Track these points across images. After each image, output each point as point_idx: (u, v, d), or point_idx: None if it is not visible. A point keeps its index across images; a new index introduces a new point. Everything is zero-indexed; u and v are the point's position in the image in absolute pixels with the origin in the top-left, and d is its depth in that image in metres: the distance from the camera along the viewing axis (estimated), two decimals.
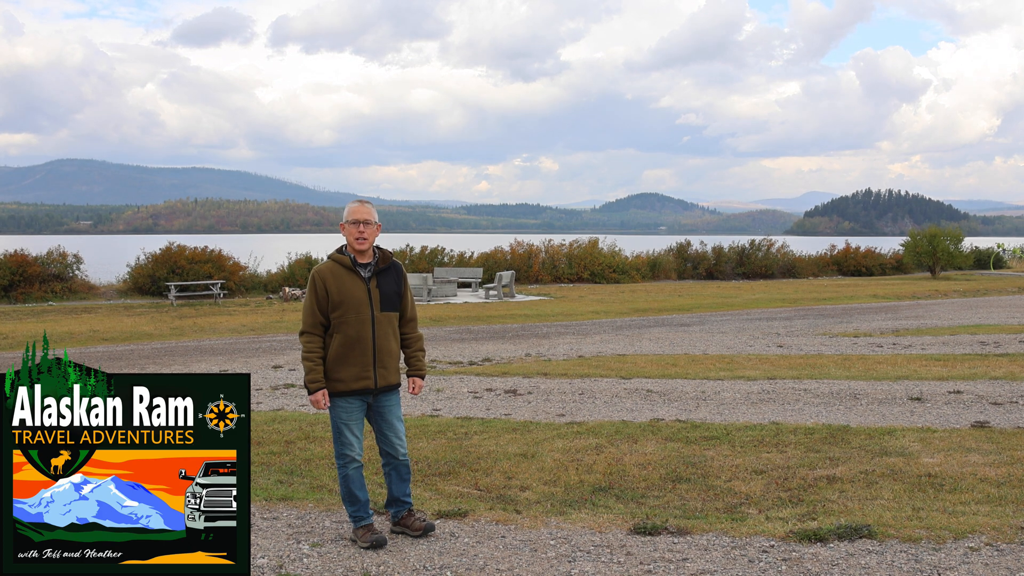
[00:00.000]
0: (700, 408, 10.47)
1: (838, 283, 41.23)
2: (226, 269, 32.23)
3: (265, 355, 15.77)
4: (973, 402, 10.60)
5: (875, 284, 39.74)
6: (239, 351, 16.48)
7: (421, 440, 8.79)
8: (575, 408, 10.57)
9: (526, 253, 40.84)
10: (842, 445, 8.39)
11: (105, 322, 22.36)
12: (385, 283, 5.99)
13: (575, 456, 8.09)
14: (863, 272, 49.15)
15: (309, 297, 5.88)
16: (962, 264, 51.87)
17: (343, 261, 5.94)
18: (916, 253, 48.32)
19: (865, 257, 50.64)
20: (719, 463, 7.80)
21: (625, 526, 6.09)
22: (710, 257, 45.83)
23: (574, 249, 42.09)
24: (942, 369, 13.16)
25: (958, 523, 6.01)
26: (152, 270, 31.28)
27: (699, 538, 5.82)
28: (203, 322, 22.30)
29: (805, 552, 5.54)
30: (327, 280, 5.86)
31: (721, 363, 14.24)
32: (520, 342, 17.73)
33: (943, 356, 14.71)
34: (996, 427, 9.19)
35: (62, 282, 30.64)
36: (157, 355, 16.05)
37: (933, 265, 47.16)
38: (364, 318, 5.85)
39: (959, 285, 38.29)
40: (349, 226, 5.92)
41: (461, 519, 6.30)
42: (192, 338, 19.01)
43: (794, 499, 6.77)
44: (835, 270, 49.12)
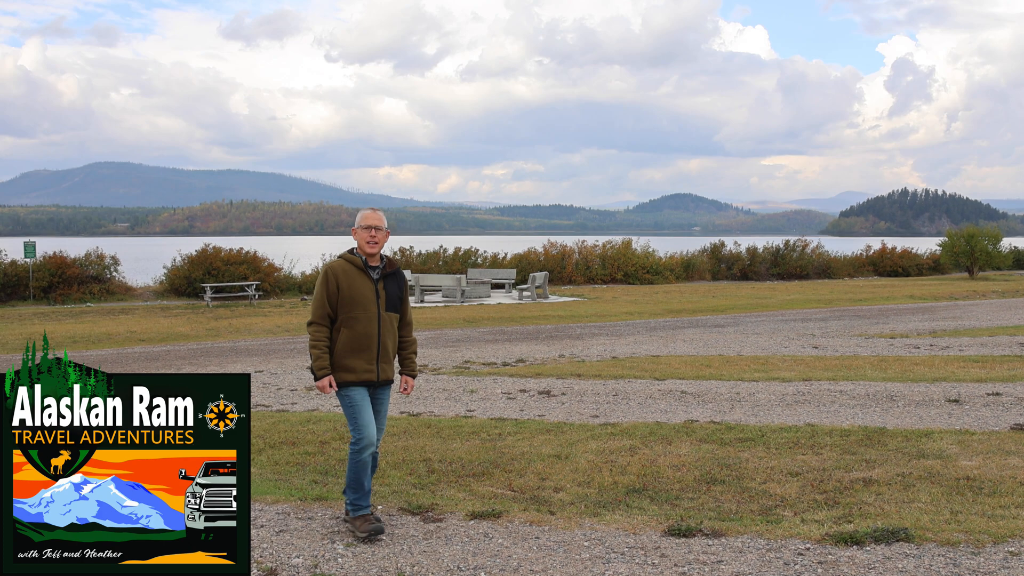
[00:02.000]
0: (735, 409, 10.42)
1: (874, 284, 40.88)
2: (261, 270, 32.41)
3: (300, 356, 15.84)
4: (1012, 404, 10.47)
5: (912, 285, 39.37)
6: (274, 352, 16.57)
7: (455, 441, 8.80)
8: (609, 409, 10.55)
9: (559, 254, 40.78)
10: (878, 447, 8.31)
11: (142, 323, 22.56)
12: (390, 286, 6.36)
13: (609, 457, 8.07)
14: (899, 273, 48.70)
15: (320, 290, 6.18)
16: (1001, 264, 51.26)
17: (355, 261, 6.28)
18: (953, 253, 47.82)
19: (901, 257, 50.17)
20: (754, 465, 7.76)
21: (659, 528, 6.06)
22: (744, 258, 45.56)
23: (607, 250, 41.96)
24: (980, 371, 13.02)
25: (997, 527, 5.94)
26: (188, 271, 31.50)
27: (734, 540, 5.79)
28: (238, 323, 22.45)
29: (841, 555, 5.50)
30: (339, 277, 6.20)
31: (756, 364, 14.16)
32: (553, 343, 17.72)
33: (981, 357, 14.55)
34: None
35: (100, 283, 30.93)
36: (193, 356, 16.17)
37: (971, 265, 46.65)
38: (372, 316, 6.20)
39: (997, 286, 37.85)
40: (361, 231, 6.27)
41: (495, 520, 6.30)
42: (228, 339, 19.14)
43: (830, 501, 6.71)
44: (871, 271, 48.70)
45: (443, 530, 6.09)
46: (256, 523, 6.23)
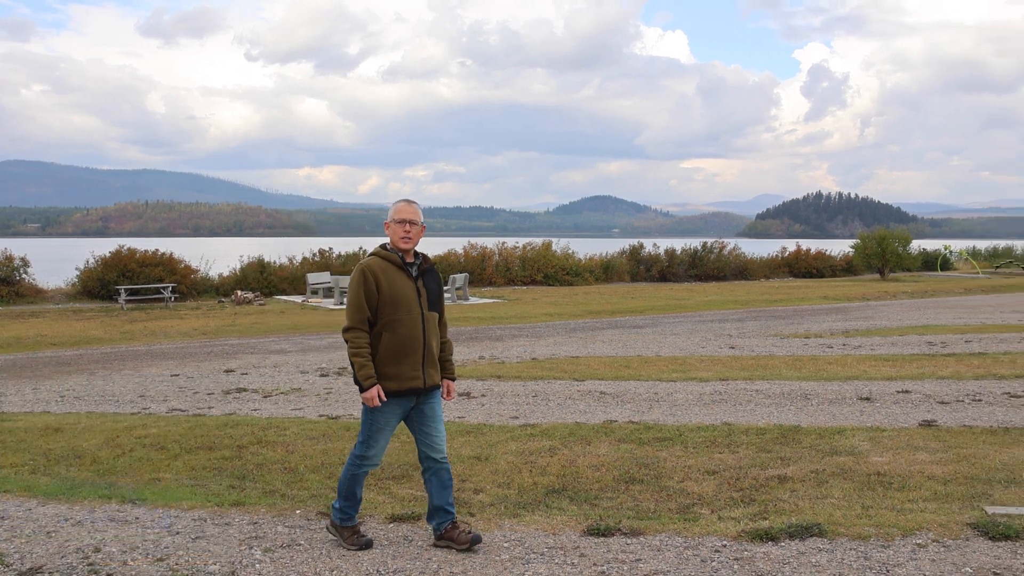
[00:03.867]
0: (653, 409, 10.53)
1: (789, 285, 41.61)
2: (177, 272, 31.87)
3: (217, 359, 15.63)
4: (921, 401, 10.75)
5: (825, 286, 40.14)
6: (191, 355, 16.32)
7: None
8: (529, 410, 10.58)
9: (480, 256, 40.79)
10: (793, 445, 8.47)
11: (53, 326, 22.04)
12: (429, 283, 5.87)
13: (529, 458, 8.10)
14: (814, 274, 49.63)
15: (356, 291, 5.66)
16: (910, 266, 52.60)
17: (392, 258, 5.75)
18: (865, 255, 48.92)
19: (816, 259, 51.13)
20: (672, 464, 7.85)
21: (579, 528, 6.10)
22: (663, 259, 46.04)
23: (528, 251, 42.10)
24: (891, 369, 13.33)
25: (906, 520, 6.09)
26: (102, 273, 30.82)
27: (652, 539, 5.84)
28: (154, 326, 22.05)
29: (757, 551, 5.58)
30: (378, 276, 5.67)
31: (674, 365, 14.32)
32: (474, 345, 17.72)
33: (892, 356, 14.90)
34: (943, 426, 9.33)
35: (8, 286, 30.09)
36: (107, 360, 15.85)
37: (882, 267, 47.76)
38: (416, 317, 5.70)
39: (907, 287, 38.78)
40: (395, 225, 5.77)
41: (415, 523, 6.28)
42: (143, 342, 18.80)
43: (746, 499, 6.82)
44: (786, 272, 49.55)
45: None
46: (172, 530, 6.13)
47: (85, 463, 8.23)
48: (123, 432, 9.43)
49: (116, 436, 9.25)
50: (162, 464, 8.16)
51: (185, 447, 8.73)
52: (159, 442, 8.94)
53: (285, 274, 35.14)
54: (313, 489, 7.25)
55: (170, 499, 6.91)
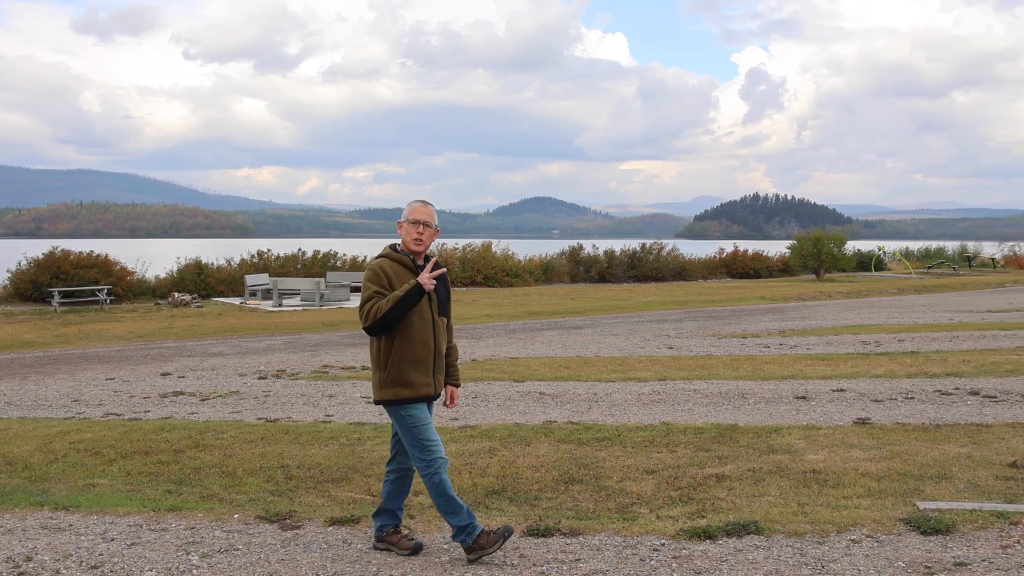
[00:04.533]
0: (592, 410, 10.58)
1: (727, 285, 42.04)
2: (113, 274, 31.34)
3: (154, 362, 15.41)
4: (855, 400, 10.92)
5: (763, 286, 40.62)
6: (126, 359, 16.08)
7: (314, 446, 8.70)
8: (468, 412, 10.58)
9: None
10: (731, 444, 8.56)
11: None
12: (439, 288, 5.67)
13: (468, 459, 8.10)
14: (751, 274, 50.19)
15: (367, 288, 5.42)
16: (845, 266, 53.46)
17: (404, 261, 5.56)
18: (802, 256, 49.64)
19: (753, 260, 51.72)
20: (611, 464, 7.89)
21: (518, 528, 6.11)
22: (602, 260, 46.27)
23: (468, 253, 42.10)
24: (826, 368, 13.53)
25: (841, 517, 6.19)
26: (35, 275, 30.19)
27: (591, 538, 5.87)
28: (89, 329, 21.68)
29: (695, 549, 5.64)
30: (391, 277, 5.45)
31: (613, 365, 14.40)
32: None
33: (827, 356, 15.12)
34: (877, 423, 9.49)
35: None
36: (40, 364, 15.56)
37: (818, 267, 48.47)
38: (427, 322, 5.53)
39: (842, 287, 39.39)
40: (408, 225, 5.57)
41: (355, 525, 6.25)
42: (77, 346, 18.48)
43: (684, 498, 6.88)
44: (724, 272, 50.06)
45: (301, 537, 6.01)
46: (107, 536, 6.03)
47: (16, 470, 8.07)
48: (56, 437, 9.26)
49: (49, 442, 9.08)
50: (97, 470, 8.03)
51: (120, 452, 8.60)
52: (94, 447, 8.79)
53: (223, 276, 34.74)
54: (251, 493, 7.19)
55: (105, 505, 6.80)
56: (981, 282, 43.83)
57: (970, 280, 46.20)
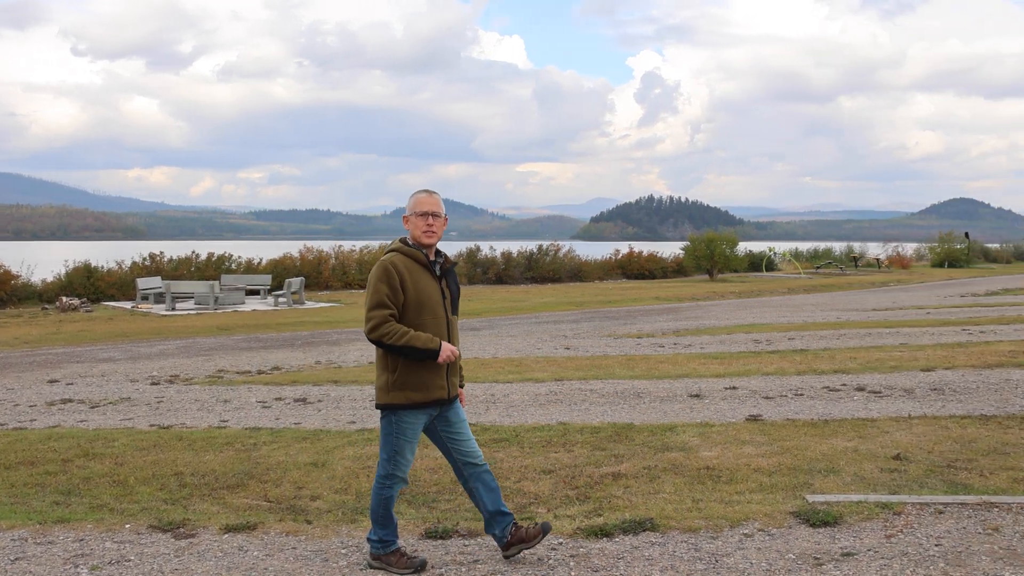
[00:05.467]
0: (490, 411, 10.60)
1: (623, 286, 42.54)
2: None
3: (40, 369, 14.95)
4: (747, 397, 11.16)
5: (658, 287, 41.21)
6: (11, 366, 15.56)
7: (208, 453, 8.54)
8: (366, 415, 10.51)
9: (316, 259, 40.34)
10: (626, 442, 8.67)
11: None
12: (451, 285, 5.47)
13: (367, 463, 8.05)
14: (647, 275, 50.85)
15: (379, 288, 5.16)
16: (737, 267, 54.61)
17: (417, 256, 5.27)
18: (695, 257, 50.52)
19: (648, 261, 52.41)
20: (508, 464, 7.92)
21: (417, 531, 6.10)
22: (499, 262, 46.39)
23: (365, 255, 41.83)
24: (719, 367, 13.79)
25: (734, 512, 6.32)
26: None
27: (489, 539, 5.88)
28: None
29: (592, 547, 5.70)
30: (403, 275, 5.17)
31: (510, 366, 14.46)
32: (310, 349, 17.49)
33: (720, 354, 15.42)
34: (768, 420, 9.72)
35: None
36: None
37: (711, 268, 49.37)
38: (441, 321, 5.28)
39: (735, 287, 40.19)
40: (416, 218, 5.28)
41: (250, 532, 6.15)
42: None
43: (581, 497, 6.95)
44: (620, 274, 50.62)
45: (196, 546, 5.89)
46: None
47: None
48: None
49: None
50: None
51: (4, 463, 8.32)
52: None
53: (114, 279, 33.85)
54: (144, 502, 7.02)
55: None
56: (867, 282, 45.18)
57: (856, 280, 47.58)
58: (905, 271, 59.89)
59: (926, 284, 42.68)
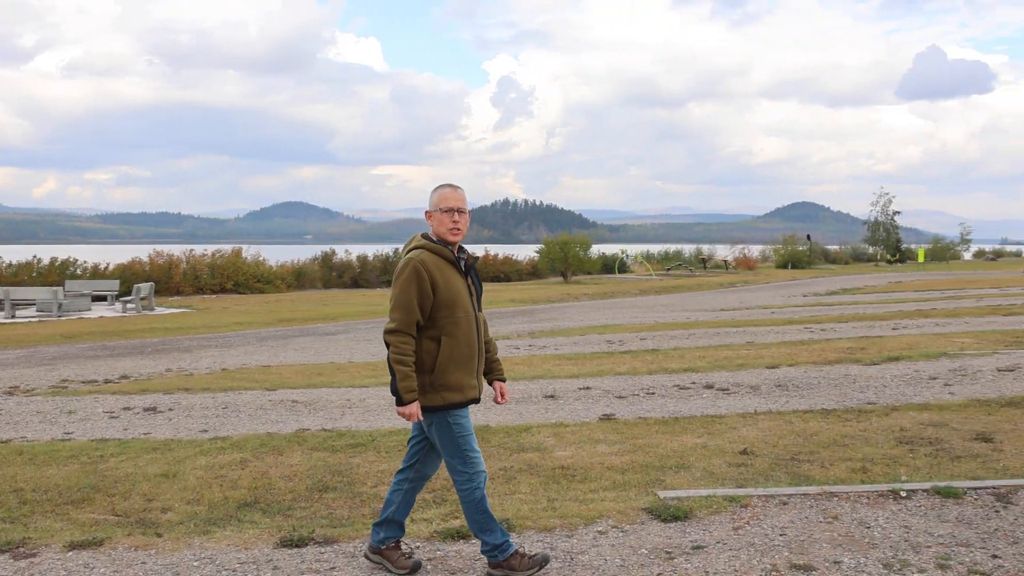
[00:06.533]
0: (346, 416, 10.52)
1: None
2: None
3: None
4: (600, 397, 11.36)
5: (513, 289, 41.54)
6: None
7: (51, 467, 8.22)
8: (219, 423, 10.29)
9: (167, 264, 39.29)
10: (482, 444, 8.70)
11: None
12: (476, 280, 5.32)
13: (219, 472, 7.88)
14: (502, 278, 51.22)
15: (408, 290, 4.95)
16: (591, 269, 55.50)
17: (445, 254, 5.09)
18: (550, 259, 51.14)
19: (504, 264, 52.81)
20: (365, 470, 7.87)
21: (272, 540, 6.00)
22: (355, 266, 46.08)
23: (217, 259, 40.98)
24: (573, 367, 13.99)
25: (588, 510, 6.43)
26: None
27: (346, 545, 5.84)
28: None
29: (449, 550, 5.71)
30: (433, 274, 4.99)
31: (366, 370, 14.38)
32: (160, 357, 17.02)
33: (574, 355, 15.64)
34: (620, 419, 9.91)
35: None
36: None
37: (565, 270, 50.04)
38: (471, 318, 5.13)
39: (588, 289, 40.83)
40: (441, 215, 5.11)
41: (97, 548, 5.94)
42: None
43: (438, 500, 6.95)
44: None
45: (37, 565, 5.66)
46: None
47: None
48: None
49: None
50: None
51: None
52: None
53: None
54: None
55: None
56: (715, 283, 46.52)
57: (705, 281, 48.95)
58: (751, 272, 61.94)
59: (771, 284, 44.26)
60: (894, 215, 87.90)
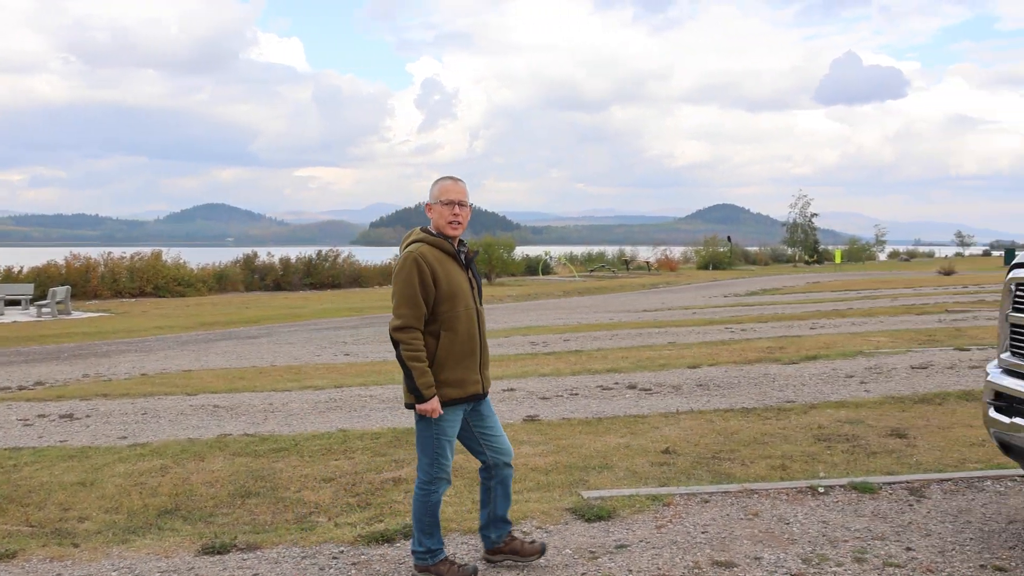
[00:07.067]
0: (268, 420, 10.43)
1: None
2: None
3: None
4: (524, 398, 11.41)
5: None
6: None
7: None
8: (138, 429, 10.13)
9: (83, 267, 38.49)
10: (407, 447, 8.70)
11: None
12: (476, 274, 5.29)
13: (139, 480, 7.76)
14: None
15: (410, 284, 4.91)
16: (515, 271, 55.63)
17: (445, 246, 5.06)
18: None
19: None
20: (288, 474, 7.82)
21: (193, 548, 5.93)
22: (278, 268, 45.66)
23: (136, 262, 40.31)
24: (497, 369, 14.02)
25: (512, 511, 6.40)
26: None
27: (269, 551, 5.80)
28: None
29: (373, 554, 5.70)
30: (434, 267, 4.95)
31: (289, 374, 14.26)
32: (77, 362, 16.68)
33: (498, 357, 15.68)
34: (544, 420, 9.97)
35: None
36: None
37: (489, 272, 50.12)
38: (472, 312, 5.08)
39: (512, 290, 40.93)
40: (441, 207, 5.06)
41: (9, 561, 5.81)
42: None
43: (362, 503, 6.93)
44: None
45: None
46: None
47: None
48: None
49: None
50: None
51: None
52: None
53: None
54: None
55: None
56: (637, 284, 46.98)
57: (628, 282, 49.39)
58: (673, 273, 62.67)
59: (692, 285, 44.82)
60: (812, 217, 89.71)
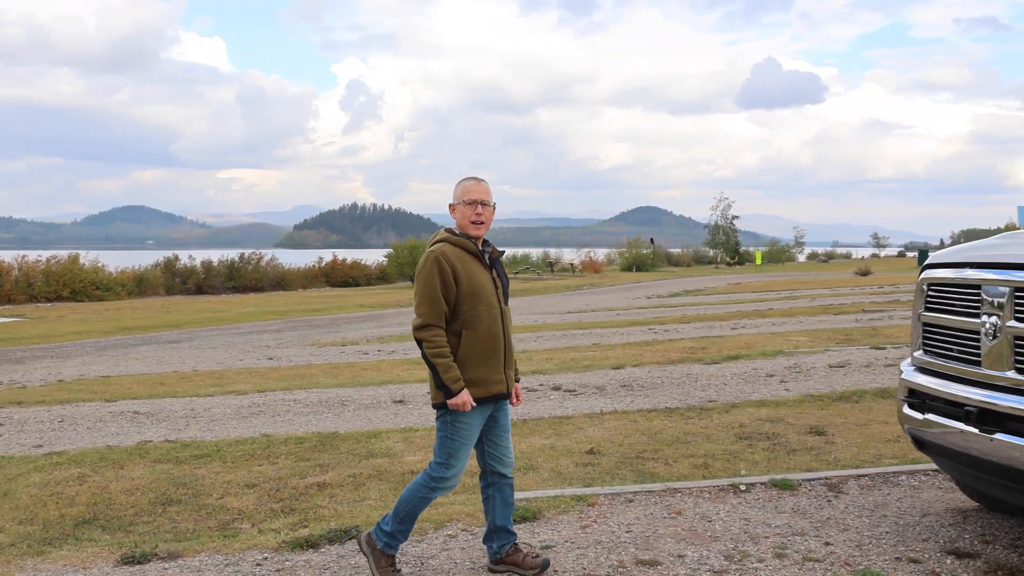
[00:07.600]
0: (190, 426, 10.28)
1: (327, 294, 42.29)
2: None
3: None
4: None
5: (362, 294, 41.27)
6: None
7: None
8: (54, 437, 9.91)
9: None
10: (331, 451, 8.65)
11: None
12: (501, 273, 5.26)
13: (55, 489, 7.59)
14: (351, 283, 50.85)
15: (431, 283, 4.90)
16: None
17: (467, 246, 5.05)
18: (399, 264, 51.08)
19: (352, 269, 52.45)
20: (211, 481, 7.71)
21: (112, 558, 5.82)
22: (199, 271, 45.08)
23: (52, 266, 39.48)
24: (422, 371, 13.97)
25: (438, 514, 6.45)
26: None
27: (191, 560, 5.71)
28: None
29: (298, 560, 5.65)
30: (455, 265, 4.94)
31: (211, 379, 14.08)
32: None
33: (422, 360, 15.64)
34: None
35: None
36: None
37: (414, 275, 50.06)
38: (496, 312, 5.06)
39: None
40: (464, 207, 5.05)
41: None
42: None
43: (286, 509, 6.87)
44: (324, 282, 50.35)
45: None
46: None
47: None
48: None
49: None
50: None
51: None
52: None
53: None
54: None
55: None
56: (562, 286, 47.23)
57: (552, 284, 49.63)
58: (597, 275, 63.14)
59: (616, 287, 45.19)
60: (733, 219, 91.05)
